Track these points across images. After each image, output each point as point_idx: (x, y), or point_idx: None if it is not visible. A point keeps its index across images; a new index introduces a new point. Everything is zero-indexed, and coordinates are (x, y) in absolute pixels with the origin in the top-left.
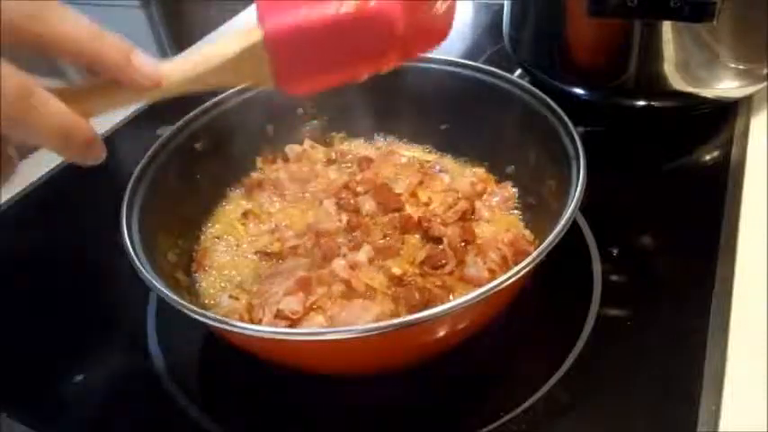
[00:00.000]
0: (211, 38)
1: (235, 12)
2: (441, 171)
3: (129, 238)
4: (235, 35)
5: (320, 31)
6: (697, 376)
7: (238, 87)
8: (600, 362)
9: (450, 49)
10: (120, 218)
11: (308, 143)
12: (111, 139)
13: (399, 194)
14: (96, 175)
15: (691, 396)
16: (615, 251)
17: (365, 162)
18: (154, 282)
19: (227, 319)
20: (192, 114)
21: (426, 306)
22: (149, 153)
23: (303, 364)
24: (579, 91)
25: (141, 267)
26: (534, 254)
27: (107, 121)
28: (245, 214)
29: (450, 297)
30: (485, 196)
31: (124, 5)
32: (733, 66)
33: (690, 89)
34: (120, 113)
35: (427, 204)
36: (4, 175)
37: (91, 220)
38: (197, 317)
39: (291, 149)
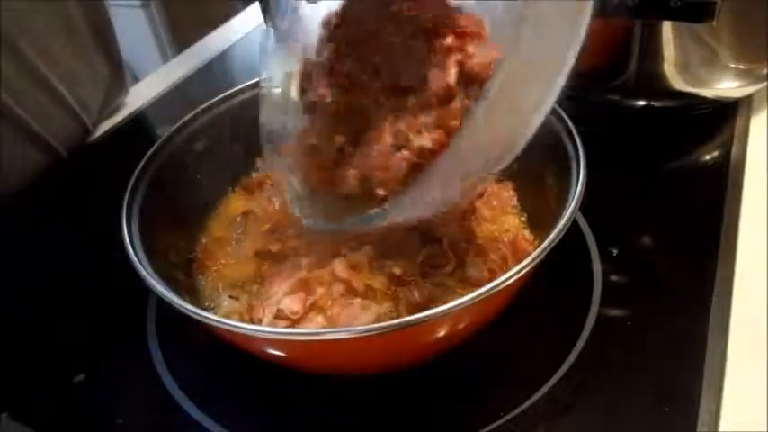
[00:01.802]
0: (211, 38)
1: (235, 12)
2: None
3: (129, 238)
4: None
5: None
6: (697, 376)
7: (238, 87)
8: (600, 362)
9: None
10: (120, 218)
11: None
12: (111, 139)
13: None
14: (96, 175)
15: (691, 396)
16: (615, 251)
17: None
18: (154, 282)
19: (227, 320)
20: (192, 114)
21: (426, 306)
22: (149, 153)
23: (303, 364)
24: (579, 91)
25: (141, 267)
26: (534, 254)
27: (107, 121)
28: (245, 214)
29: (451, 297)
30: (485, 196)
31: (124, 5)
32: (733, 66)
33: (690, 89)
34: (121, 114)
35: None
36: None
37: (91, 220)
38: (197, 317)
39: None
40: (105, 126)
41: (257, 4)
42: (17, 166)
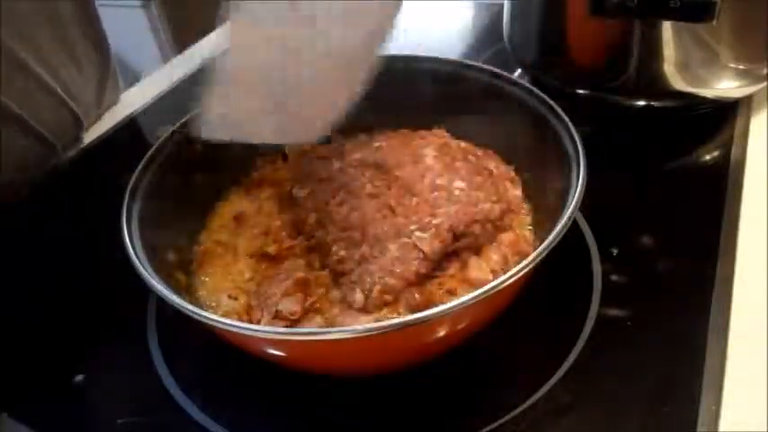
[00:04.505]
0: (211, 38)
1: None
2: None
3: (129, 238)
4: None
5: None
6: (697, 376)
7: None
8: (600, 362)
9: (451, 49)
10: (120, 218)
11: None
12: (111, 140)
13: None
14: (97, 175)
15: (691, 396)
16: (615, 251)
17: None
18: (154, 282)
19: (226, 320)
20: (191, 114)
21: (426, 306)
22: (149, 153)
23: (303, 364)
24: (579, 91)
25: (141, 267)
26: (534, 254)
27: (107, 120)
28: (244, 215)
29: (451, 298)
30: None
31: (124, 5)
32: (733, 66)
33: (690, 89)
34: (121, 114)
35: None
36: None
37: (91, 220)
38: (197, 317)
39: (291, 149)
40: (105, 126)
41: None
42: (11, 157)
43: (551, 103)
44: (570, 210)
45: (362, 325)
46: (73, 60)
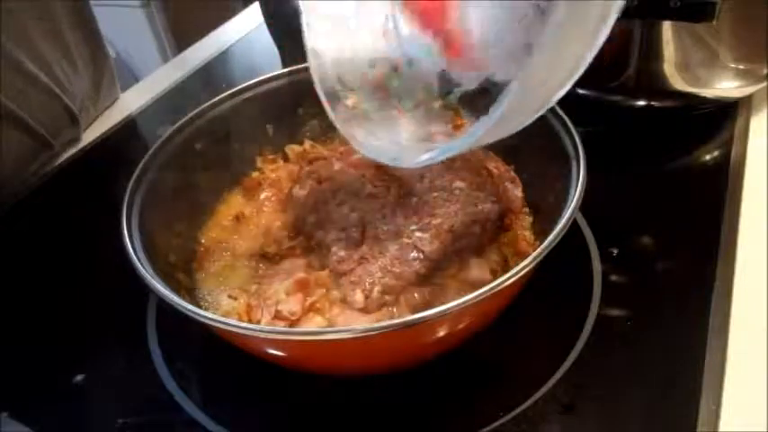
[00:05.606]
0: (211, 38)
1: (235, 12)
2: None
3: (129, 238)
4: None
5: None
6: (697, 376)
7: (238, 87)
8: (600, 362)
9: None
10: (120, 218)
11: (308, 143)
12: (111, 139)
13: None
14: (97, 175)
15: (691, 396)
16: (615, 251)
17: None
18: (154, 282)
19: (226, 319)
20: (191, 114)
21: (426, 306)
22: (149, 153)
23: (303, 364)
24: (579, 91)
25: (141, 267)
26: (534, 254)
27: (107, 121)
28: (243, 215)
29: (451, 298)
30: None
31: (124, 5)
32: (733, 66)
33: (690, 89)
34: (121, 114)
35: None
36: None
37: (91, 221)
38: (197, 317)
39: (291, 149)
40: (105, 126)
41: (257, 4)
42: (8, 153)
43: None
44: (570, 210)
45: (362, 325)
46: (67, 58)
